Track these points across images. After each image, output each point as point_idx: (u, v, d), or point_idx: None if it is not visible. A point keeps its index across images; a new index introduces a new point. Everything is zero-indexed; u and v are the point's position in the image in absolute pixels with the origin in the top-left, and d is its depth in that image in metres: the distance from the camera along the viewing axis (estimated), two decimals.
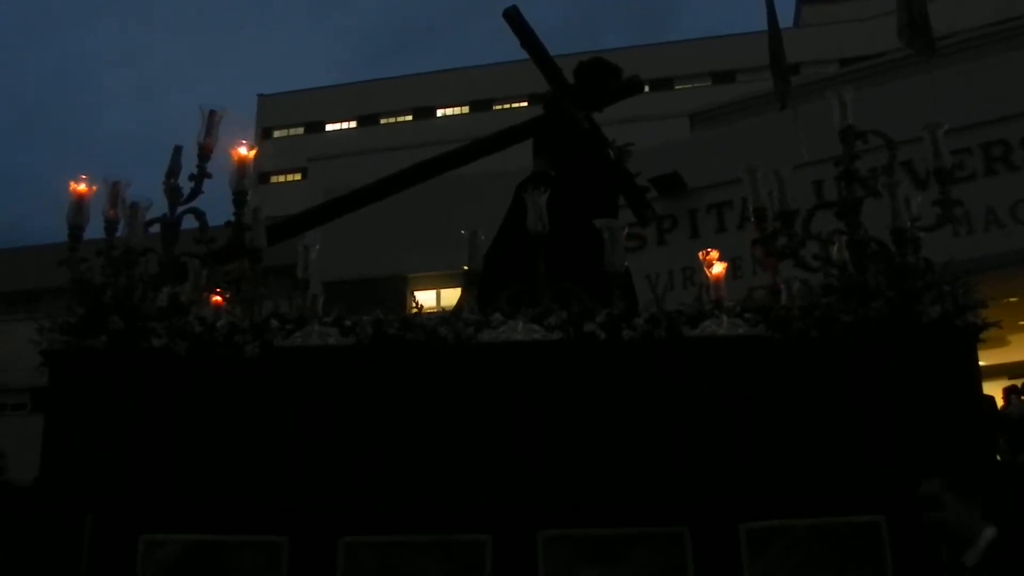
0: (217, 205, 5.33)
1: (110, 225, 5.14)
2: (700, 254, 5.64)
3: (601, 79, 6.87)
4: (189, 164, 5.34)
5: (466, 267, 5.04)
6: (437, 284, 18.68)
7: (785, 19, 27.82)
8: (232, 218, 5.27)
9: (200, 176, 5.28)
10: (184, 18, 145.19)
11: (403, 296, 17.99)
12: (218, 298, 5.48)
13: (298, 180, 39.40)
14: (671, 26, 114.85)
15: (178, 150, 5.41)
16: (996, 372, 13.20)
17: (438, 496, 4.37)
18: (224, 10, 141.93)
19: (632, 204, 6.96)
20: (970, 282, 4.70)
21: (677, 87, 37.22)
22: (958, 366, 4.58)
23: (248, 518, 4.35)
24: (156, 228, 5.21)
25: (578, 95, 6.82)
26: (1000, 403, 11.18)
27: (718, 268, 5.46)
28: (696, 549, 4.22)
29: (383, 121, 42.29)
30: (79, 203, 5.09)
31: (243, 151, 5.29)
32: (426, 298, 18.82)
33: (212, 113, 5.41)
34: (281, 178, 41.62)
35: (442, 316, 4.82)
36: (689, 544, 4.23)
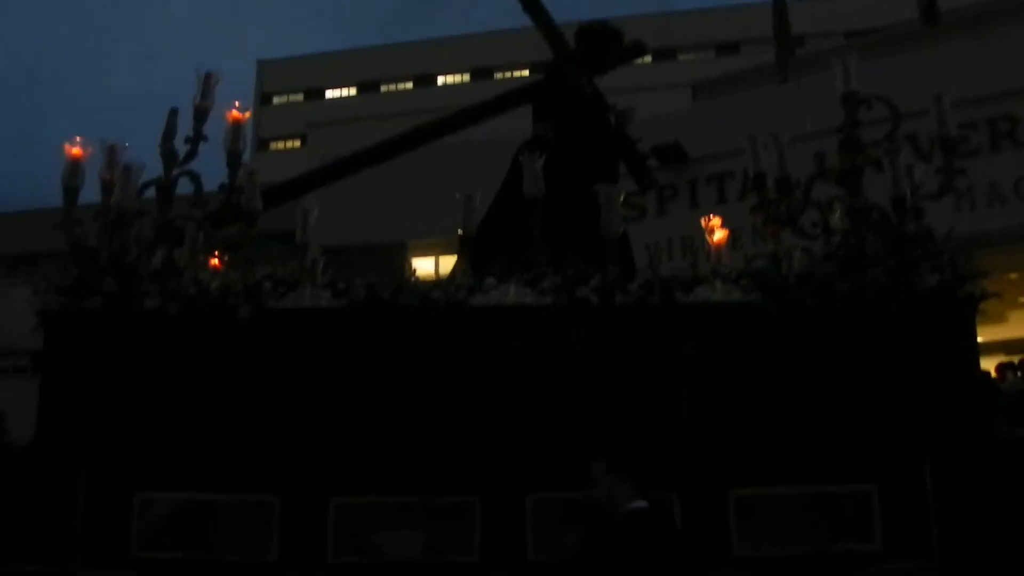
0: (215, 171, 5.30)
1: (106, 187, 5.07)
2: (702, 220, 5.59)
3: (603, 43, 6.79)
4: (186, 128, 5.31)
5: (460, 231, 5.00)
6: (436, 251, 18.58)
7: None
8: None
9: (196, 138, 5.24)
10: None
11: (403, 263, 17.94)
12: (216, 261, 5.45)
13: (297, 147, 39.26)
14: None
15: (174, 112, 5.37)
16: (993, 348, 13.11)
17: (429, 458, 4.38)
18: None
19: (632, 170, 6.91)
20: (971, 253, 4.66)
21: (680, 57, 36.96)
22: (956, 336, 4.54)
23: (240, 478, 4.38)
24: (152, 191, 5.18)
25: (580, 59, 6.75)
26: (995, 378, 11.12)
27: (719, 235, 5.41)
28: (686, 514, 4.24)
29: (383, 88, 42.06)
30: (74, 165, 5.05)
31: (237, 112, 5.25)
32: (425, 265, 18.77)
33: (208, 75, 5.36)
34: (280, 145, 41.49)
35: (435, 281, 4.79)
36: (679, 509, 4.25)
